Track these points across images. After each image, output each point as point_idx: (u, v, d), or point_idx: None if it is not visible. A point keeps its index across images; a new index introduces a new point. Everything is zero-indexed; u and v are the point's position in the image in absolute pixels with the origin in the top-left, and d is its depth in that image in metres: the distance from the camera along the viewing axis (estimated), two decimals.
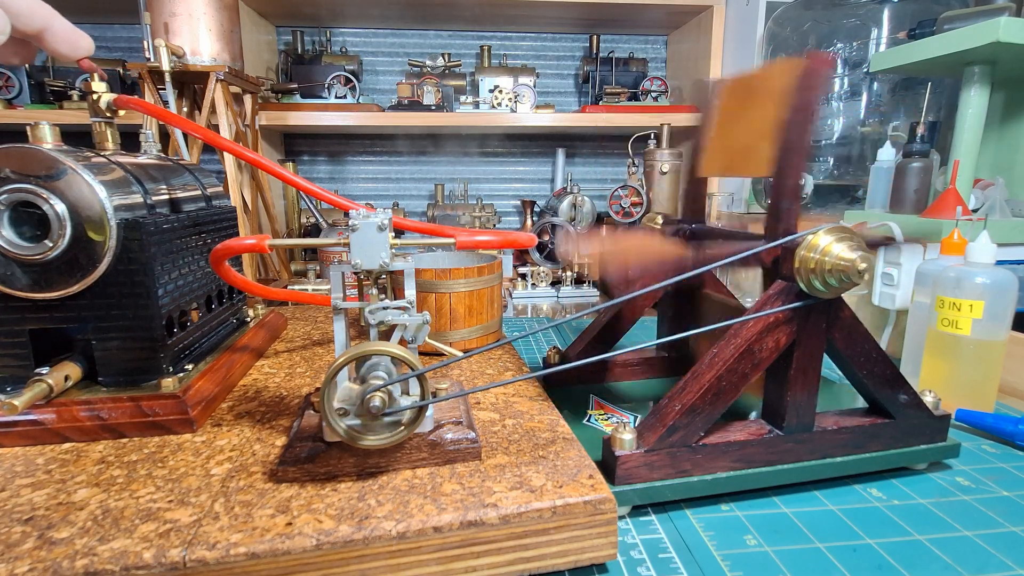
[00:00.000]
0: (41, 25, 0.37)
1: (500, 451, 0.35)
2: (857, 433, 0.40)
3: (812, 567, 0.32)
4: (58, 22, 0.38)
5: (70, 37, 0.39)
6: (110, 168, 0.39)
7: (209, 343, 0.49)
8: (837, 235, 0.35)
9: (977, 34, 0.67)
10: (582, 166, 1.50)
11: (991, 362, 0.49)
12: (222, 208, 0.53)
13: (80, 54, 0.40)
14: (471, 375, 0.49)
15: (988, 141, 0.86)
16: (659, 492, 0.36)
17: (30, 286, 0.37)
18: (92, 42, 0.40)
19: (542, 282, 1.07)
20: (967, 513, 0.37)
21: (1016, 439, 0.46)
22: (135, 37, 1.31)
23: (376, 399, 0.30)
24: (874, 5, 0.95)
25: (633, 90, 1.28)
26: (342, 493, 0.31)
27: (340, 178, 1.45)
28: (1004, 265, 0.53)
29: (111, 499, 0.30)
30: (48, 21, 0.37)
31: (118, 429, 0.37)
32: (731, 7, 1.20)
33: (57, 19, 0.38)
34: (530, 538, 0.30)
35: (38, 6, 0.37)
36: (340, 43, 1.38)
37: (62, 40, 0.38)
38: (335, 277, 0.33)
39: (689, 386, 0.37)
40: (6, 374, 0.38)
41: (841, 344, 0.39)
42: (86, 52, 0.40)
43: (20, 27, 0.36)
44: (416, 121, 1.19)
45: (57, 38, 0.38)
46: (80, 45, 0.39)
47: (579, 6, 1.21)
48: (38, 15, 0.37)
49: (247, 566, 0.26)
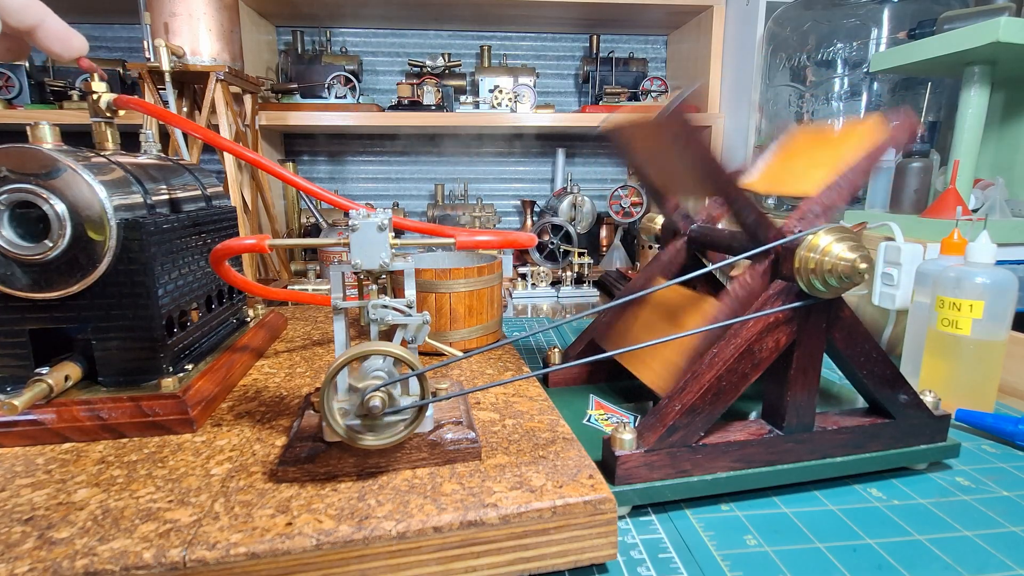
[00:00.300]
0: (33, 22, 0.37)
1: (500, 451, 0.35)
2: (857, 433, 0.40)
3: (812, 567, 0.32)
4: (51, 20, 0.38)
5: (63, 35, 0.38)
6: (110, 168, 0.39)
7: (209, 343, 0.49)
8: (837, 235, 0.35)
9: (977, 34, 0.67)
10: (582, 166, 1.50)
11: (991, 362, 0.49)
12: (222, 208, 0.53)
13: (72, 53, 0.39)
14: (471, 375, 0.49)
15: (988, 141, 0.86)
16: (659, 492, 0.36)
17: (30, 286, 0.37)
18: (85, 41, 0.40)
19: (542, 282, 1.07)
20: (967, 513, 0.37)
21: (1016, 439, 0.46)
22: (135, 37, 1.31)
23: (376, 399, 0.30)
24: (874, 5, 0.95)
25: (633, 90, 1.28)
26: (342, 493, 0.31)
27: (340, 178, 1.45)
28: (1004, 265, 0.53)
29: (111, 499, 0.30)
30: (41, 18, 0.37)
31: (118, 429, 0.37)
32: (731, 7, 1.20)
33: (50, 17, 0.38)
34: (530, 538, 0.30)
35: (31, 3, 0.36)
36: (340, 43, 1.38)
37: (55, 38, 0.38)
38: (335, 277, 0.33)
39: (689, 386, 0.37)
40: (6, 374, 0.38)
41: (841, 344, 0.39)
42: (78, 52, 0.40)
43: (12, 23, 0.36)
44: (416, 121, 1.19)
45: (50, 36, 0.38)
46: (72, 44, 0.39)
47: (579, 6, 1.21)
48: (30, 12, 0.36)
49: (247, 566, 0.26)
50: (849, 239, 0.35)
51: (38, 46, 0.38)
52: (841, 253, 0.35)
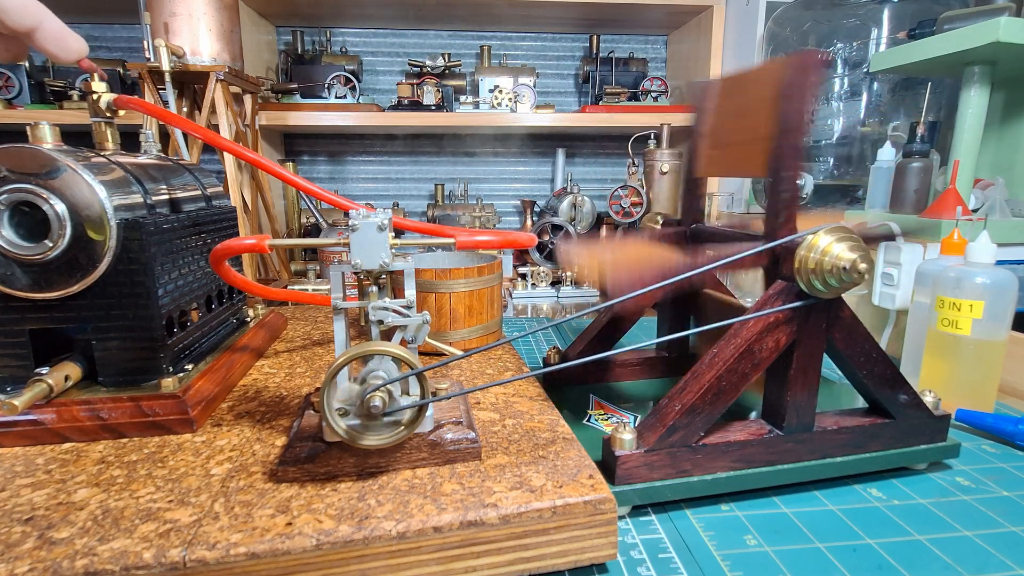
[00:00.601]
0: (32, 24, 0.37)
1: (500, 451, 0.35)
2: (857, 433, 0.40)
3: (812, 567, 0.32)
4: (49, 21, 0.38)
5: (61, 37, 0.38)
6: (110, 168, 0.39)
7: (209, 343, 0.49)
8: (837, 235, 0.35)
9: (977, 34, 0.67)
10: (582, 166, 1.50)
11: (991, 362, 0.49)
12: (222, 208, 0.53)
13: (70, 55, 0.39)
14: (471, 375, 0.49)
15: (988, 141, 0.86)
16: (659, 492, 0.36)
17: (30, 286, 0.37)
18: (84, 43, 0.40)
19: (542, 282, 1.07)
20: (967, 513, 0.37)
21: (1016, 439, 0.46)
22: (135, 37, 1.31)
23: (376, 399, 0.30)
24: (874, 5, 0.95)
25: (633, 90, 1.28)
26: (342, 493, 0.31)
27: (340, 178, 1.45)
28: (1004, 265, 0.53)
29: (111, 499, 0.30)
30: (39, 20, 0.37)
31: (118, 429, 0.37)
32: (731, 7, 1.20)
33: (49, 18, 0.38)
34: (530, 538, 0.30)
35: (30, 4, 0.36)
36: (340, 43, 1.38)
37: (53, 40, 0.38)
38: (335, 277, 0.33)
39: (689, 386, 0.37)
40: (6, 374, 0.38)
41: (841, 344, 0.39)
42: (77, 54, 0.39)
43: (11, 25, 0.36)
44: (416, 121, 1.19)
45: (48, 38, 0.38)
46: (71, 46, 0.39)
47: (579, 6, 1.21)
48: (29, 13, 0.36)
49: (247, 566, 0.26)
50: (849, 239, 0.35)
51: (36, 47, 0.38)
52: (841, 253, 0.35)
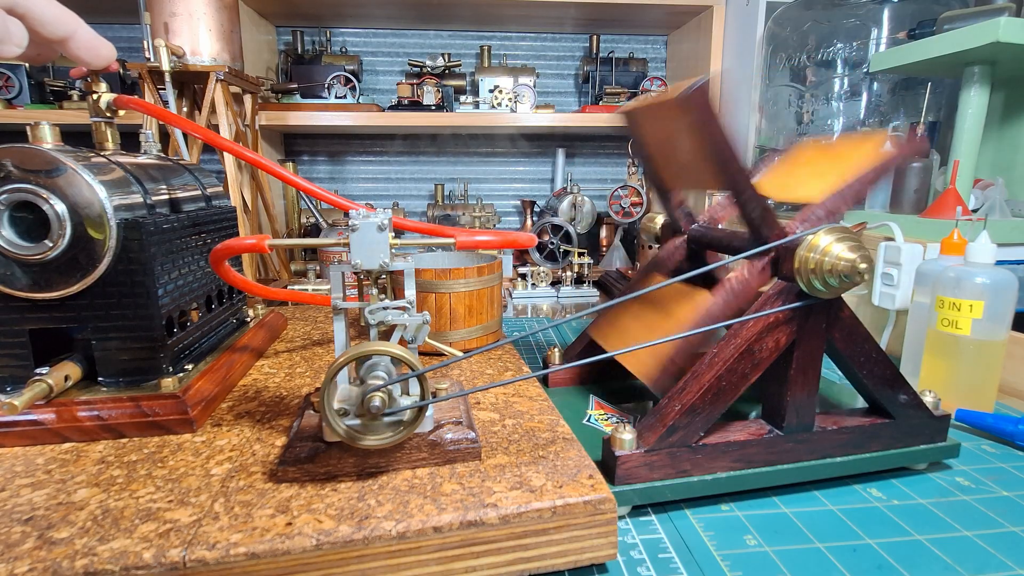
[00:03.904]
0: (66, 33, 0.37)
1: (500, 451, 0.35)
2: (857, 433, 0.40)
3: (812, 567, 0.32)
4: (83, 31, 0.38)
5: (93, 45, 0.39)
6: (110, 168, 0.39)
7: (209, 343, 0.49)
8: (837, 235, 0.35)
9: (977, 34, 0.67)
10: (582, 166, 1.50)
11: (991, 362, 0.49)
12: (222, 208, 0.53)
13: (102, 63, 0.40)
14: (471, 375, 0.49)
15: (988, 141, 0.86)
16: (659, 492, 0.36)
17: (30, 286, 0.37)
18: (114, 49, 0.41)
19: (542, 282, 1.07)
20: (967, 513, 0.37)
21: (1016, 439, 0.46)
22: (135, 37, 1.31)
23: (376, 399, 0.30)
24: (874, 5, 0.95)
25: (633, 90, 1.28)
26: (342, 493, 0.31)
27: (340, 178, 1.45)
28: (1004, 265, 0.53)
29: (111, 499, 0.30)
30: (74, 29, 0.38)
31: (118, 429, 0.37)
32: (731, 7, 1.20)
33: (82, 27, 0.38)
34: (530, 538, 0.30)
35: (64, 14, 0.37)
36: (340, 43, 1.37)
37: (85, 48, 0.39)
38: (335, 277, 0.33)
39: (689, 386, 0.37)
40: (6, 374, 0.38)
41: (841, 344, 0.39)
42: (107, 60, 0.40)
43: (45, 34, 0.36)
44: (416, 121, 1.19)
45: (81, 46, 0.39)
46: (102, 53, 0.40)
47: (579, 6, 1.21)
48: (63, 23, 0.37)
49: (247, 566, 0.26)
50: (849, 239, 0.35)
51: (68, 55, 0.39)
52: (841, 253, 0.35)
